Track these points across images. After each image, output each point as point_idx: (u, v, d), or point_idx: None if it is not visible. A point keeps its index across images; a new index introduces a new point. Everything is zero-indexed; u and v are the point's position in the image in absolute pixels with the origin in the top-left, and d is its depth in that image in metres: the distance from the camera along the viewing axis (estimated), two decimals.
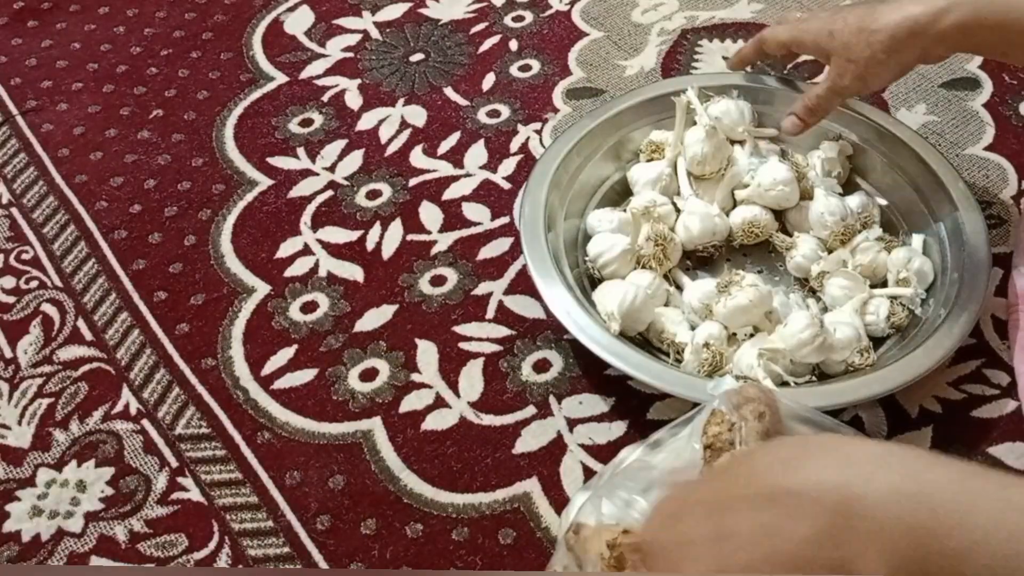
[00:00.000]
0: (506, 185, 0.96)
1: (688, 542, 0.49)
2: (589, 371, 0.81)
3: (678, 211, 0.86)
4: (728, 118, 0.89)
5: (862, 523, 0.43)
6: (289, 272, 0.90)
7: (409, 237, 0.92)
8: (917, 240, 0.85)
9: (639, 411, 0.78)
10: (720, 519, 0.48)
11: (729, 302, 0.76)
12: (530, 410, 0.79)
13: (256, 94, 1.07)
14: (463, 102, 1.04)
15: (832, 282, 0.81)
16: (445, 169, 0.98)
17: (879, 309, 0.79)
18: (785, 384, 0.74)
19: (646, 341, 0.80)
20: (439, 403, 0.80)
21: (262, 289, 0.89)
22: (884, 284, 0.82)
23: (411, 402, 0.80)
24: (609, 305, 0.78)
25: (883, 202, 0.88)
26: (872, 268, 0.82)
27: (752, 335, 0.78)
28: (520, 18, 1.14)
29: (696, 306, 0.79)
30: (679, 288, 0.83)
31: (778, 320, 0.78)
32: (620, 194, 0.91)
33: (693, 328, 0.79)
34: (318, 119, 1.04)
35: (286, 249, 0.92)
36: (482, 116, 1.03)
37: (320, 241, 0.93)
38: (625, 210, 0.87)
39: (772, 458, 0.48)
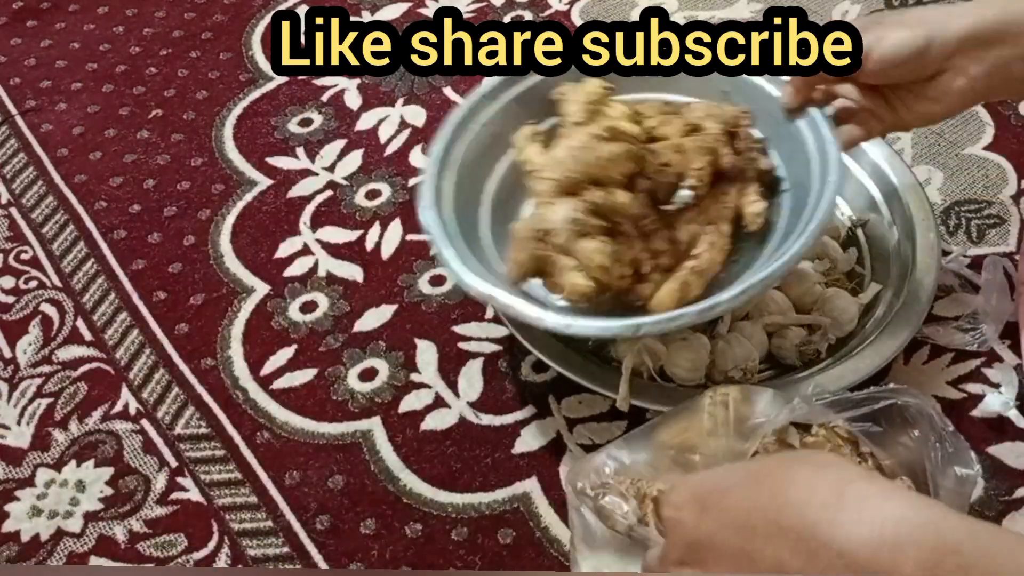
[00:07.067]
0: None
1: (710, 542, 0.49)
2: None
3: None
4: None
5: None
6: (288, 272, 0.90)
7: (408, 237, 0.92)
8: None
9: (639, 411, 0.78)
10: (748, 538, 0.47)
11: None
12: (529, 410, 0.79)
13: (255, 94, 1.07)
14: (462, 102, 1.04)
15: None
16: None
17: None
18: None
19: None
20: (438, 403, 0.80)
21: (261, 289, 0.89)
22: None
23: (410, 402, 0.80)
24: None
25: None
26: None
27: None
28: (520, 18, 1.13)
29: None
30: None
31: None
32: None
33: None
34: (317, 119, 1.04)
35: (285, 249, 0.92)
36: None
37: (319, 241, 0.93)
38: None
39: (809, 494, 0.47)
